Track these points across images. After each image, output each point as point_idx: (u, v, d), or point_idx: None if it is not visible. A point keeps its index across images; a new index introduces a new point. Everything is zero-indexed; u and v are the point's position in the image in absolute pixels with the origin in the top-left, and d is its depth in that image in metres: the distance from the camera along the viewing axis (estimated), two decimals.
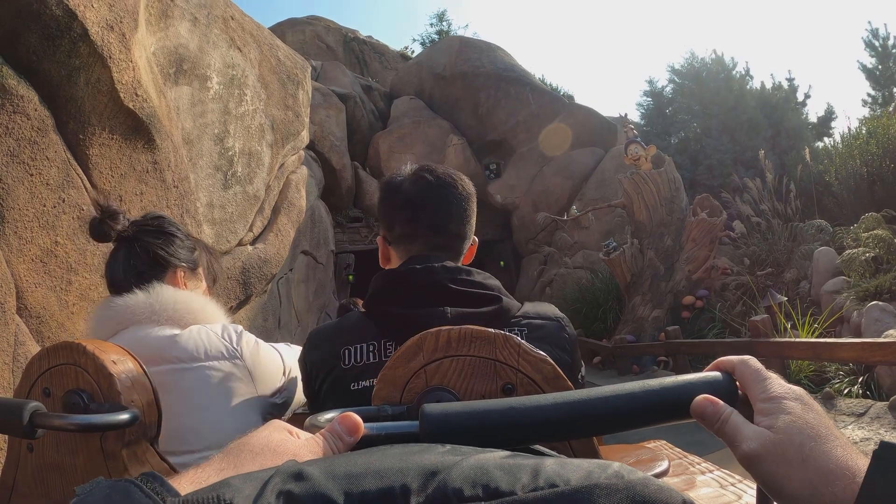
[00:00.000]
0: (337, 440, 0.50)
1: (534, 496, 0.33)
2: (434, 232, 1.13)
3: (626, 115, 12.42)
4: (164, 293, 1.26)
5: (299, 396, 1.38)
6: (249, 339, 1.28)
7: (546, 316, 1.07)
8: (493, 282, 1.08)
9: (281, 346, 1.40)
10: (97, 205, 1.33)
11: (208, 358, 1.19)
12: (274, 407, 1.29)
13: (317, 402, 1.07)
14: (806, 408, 0.49)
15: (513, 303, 1.07)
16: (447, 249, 1.14)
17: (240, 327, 1.31)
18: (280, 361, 1.32)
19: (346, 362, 1.01)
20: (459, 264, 1.14)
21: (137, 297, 1.24)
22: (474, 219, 1.20)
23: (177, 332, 1.22)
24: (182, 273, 1.38)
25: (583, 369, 1.15)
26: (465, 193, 1.17)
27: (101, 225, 1.30)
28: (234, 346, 1.24)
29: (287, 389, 1.32)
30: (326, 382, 1.03)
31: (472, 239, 1.22)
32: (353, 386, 0.99)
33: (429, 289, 1.02)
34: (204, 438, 1.15)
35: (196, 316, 1.27)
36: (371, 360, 1.01)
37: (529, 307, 1.08)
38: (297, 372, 1.32)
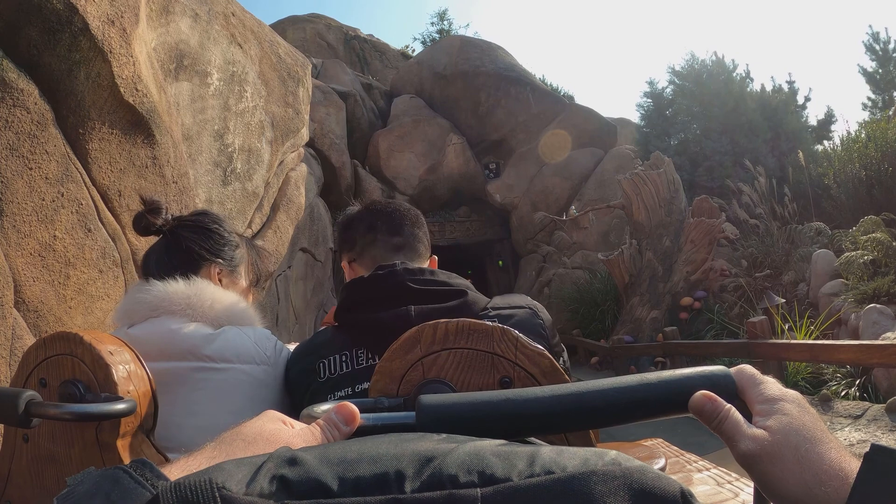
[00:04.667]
0: (333, 429, 0.49)
1: (530, 483, 0.33)
2: (392, 232, 1.20)
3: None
4: (205, 289, 1.25)
5: None
6: (281, 348, 1.27)
7: (516, 305, 1.07)
8: (459, 280, 1.09)
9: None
10: (142, 199, 1.35)
11: (240, 361, 1.18)
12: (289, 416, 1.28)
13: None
14: (802, 410, 0.50)
15: (480, 297, 1.07)
16: (407, 249, 1.18)
17: (272, 335, 1.29)
18: None
19: (322, 375, 1.04)
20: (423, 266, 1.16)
21: (177, 286, 1.23)
22: (426, 236, 1.28)
23: (210, 331, 1.21)
24: (217, 270, 1.37)
25: (565, 354, 1.14)
26: (413, 210, 1.29)
27: (142, 219, 1.32)
28: (266, 352, 1.22)
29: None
30: (307, 396, 1.06)
31: (431, 255, 1.28)
32: (330, 397, 1.00)
33: (391, 291, 1.03)
34: None
35: (231, 319, 1.26)
36: (344, 369, 1.02)
37: (498, 300, 1.09)
38: None
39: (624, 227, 10.53)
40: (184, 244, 1.32)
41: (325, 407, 0.58)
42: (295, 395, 1.11)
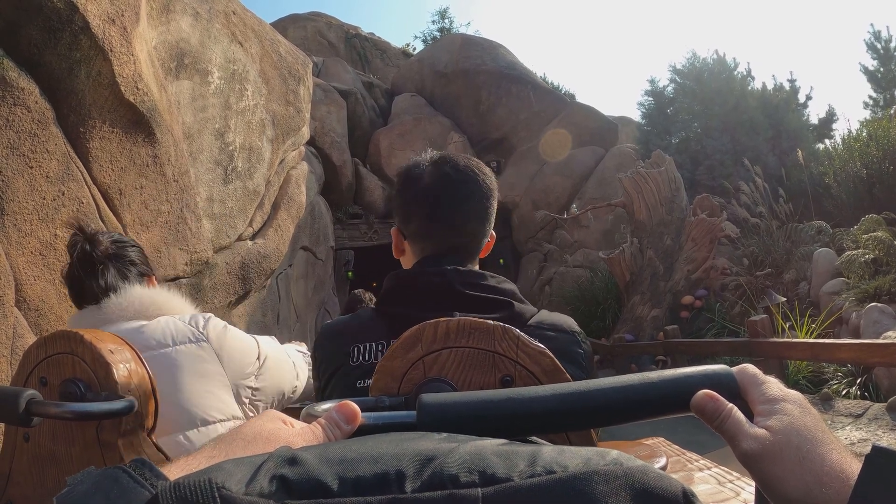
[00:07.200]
0: (334, 428, 0.49)
1: (531, 483, 0.32)
2: (452, 232, 1.09)
3: None
4: (131, 291, 1.32)
5: (301, 386, 1.47)
6: (217, 323, 1.33)
7: (560, 328, 1.03)
8: (507, 286, 1.05)
9: (264, 337, 1.45)
10: (80, 229, 1.39)
11: (175, 343, 1.24)
12: (249, 390, 1.33)
13: (323, 396, 1.06)
14: (803, 411, 0.50)
15: (527, 308, 1.03)
16: (463, 249, 1.11)
17: (209, 314, 1.35)
18: (253, 346, 1.36)
19: (355, 360, 1.01)
20: (475, 266, 1.13)
21: (109, 301, 1.30)
22: (494, 214, 1.15)
23: (144, 322, 1.28)
24: (154, 280, 1.48)
25: None
26: (488, 189, 1.11)
27: (93, 249, 1.35)
28: (201, 330, 1.28)
29: (263, 375, 1.36)
30: (335, 378, 1.02)
31: (491, 234, 1.17)
32: (360, 384, 0.98)
33: (438, 292, 1.01)
34: (175, 421, 1.19)
35: (161, 308, 1.33)
36: (379, 359, 1.00)
37: (545, 316, 1.04)
38: (275, 359, 1.39)
39: (625, 226, 10.52)
40: (136, 262, 1.41)
41: (325, 406, 0.58)
42: (321, 375, 1.07)
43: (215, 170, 4.95)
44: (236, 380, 1.28)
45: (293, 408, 1.50)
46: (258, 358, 1.35)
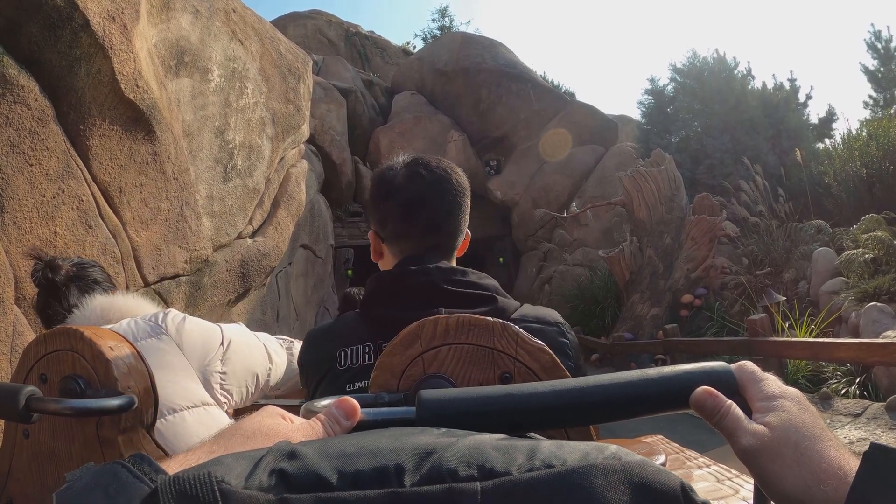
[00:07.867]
0: (334, 424, 0.49)
1: (529, 476, 0.32)
2: (429, 231, 1.11)
3: None
4: (91, 301, 1.37)
5: (277, 369, 1.50)
6: (176, 315, 1.36)
7: (545, 320, 1.04)
8: (489, 281, 1.07)
9: (230, 324, 1.48)
10: (37, 257, 1.44)
11: (137, 340, 1.26)
12: (218, 375, 1.34)
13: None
14: (802, 408, 0.50)
15: (510, 303, 1.05)
16: (441, 247, 1.12)
17: (170, 310, 1.39)
18: (214, 332, 1.38)
19: (342, 364, 1.01)
20: (453, 263, 1.13)
21: (74, 316, 1.35)
22: (468, 212, 1.17)
23: (109, 327, 1.29)
24: (115, 292, 1.51)
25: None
26: (461, 188, 1.14)
27: (54, 274, 1.40)
28: (160, 323, 1.32)
29: (229, 359, 1.38)
30: (323, 383, 1.03)
31: (466, 232, 1.19)
32: (349, 387, 0.99)
33: (422, 290, 1.01)
34: None
35: (122, 311, 1.37)
36: (367, 361, 1.01)
37: (528, 310, 1.05)
38: (240, 343, 1.41)
39: (625, 225, 10.52)
40: (98, 280, 1.48)
41: (325, 402, 0.58)
42: (310, 381, 1.08)
43: (215, 168, 4.95)
44: (201, 367, 1.30)
45: (292, 405, 1.51)
46: (221, 343, 1.36)
